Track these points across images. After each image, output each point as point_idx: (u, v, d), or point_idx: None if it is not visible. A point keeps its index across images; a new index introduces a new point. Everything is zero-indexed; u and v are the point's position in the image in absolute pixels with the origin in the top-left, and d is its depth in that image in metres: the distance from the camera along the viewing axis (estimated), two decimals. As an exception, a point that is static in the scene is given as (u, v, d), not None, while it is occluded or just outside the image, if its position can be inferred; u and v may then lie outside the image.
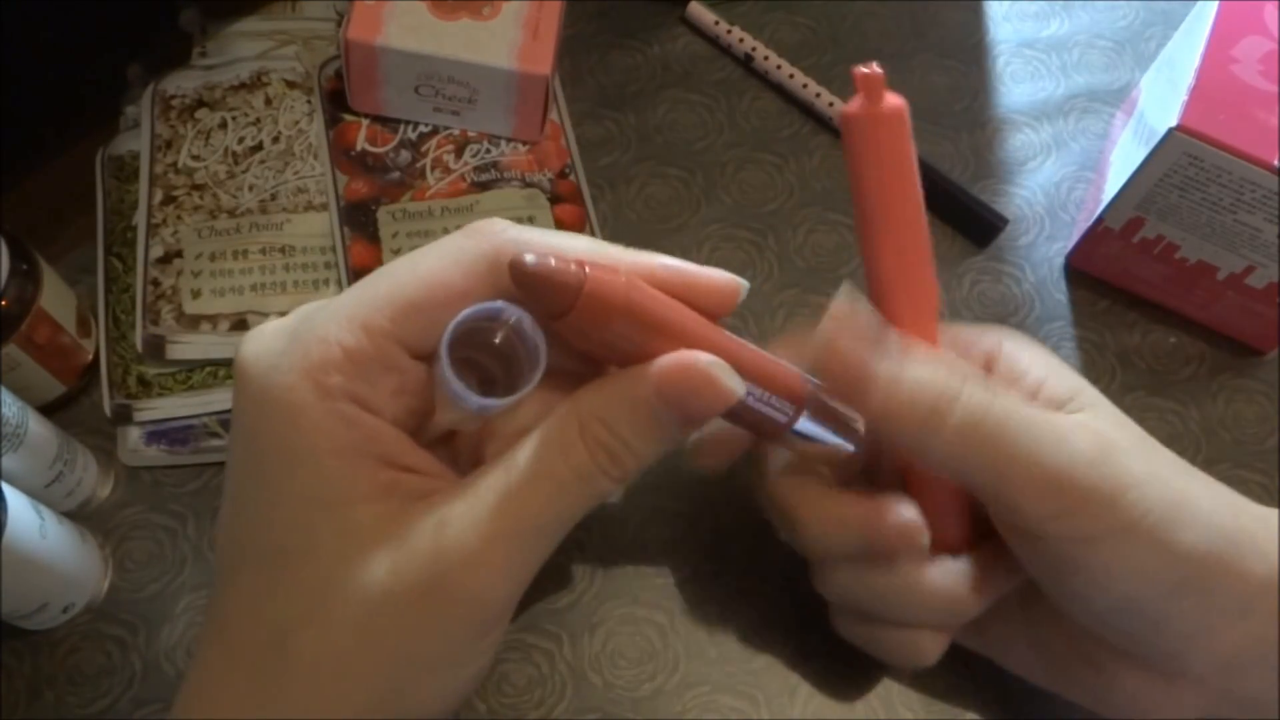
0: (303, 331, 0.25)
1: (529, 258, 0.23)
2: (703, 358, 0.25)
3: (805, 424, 0.28)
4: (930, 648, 0.32)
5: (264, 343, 0.26)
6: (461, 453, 0.28)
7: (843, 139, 0.29)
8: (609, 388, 0.25)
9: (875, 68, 0.27)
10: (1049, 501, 0.27)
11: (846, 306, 0.27)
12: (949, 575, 0.30)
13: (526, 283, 0.24)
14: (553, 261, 0.24)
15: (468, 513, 0.24)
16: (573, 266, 0.24)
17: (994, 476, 0.27)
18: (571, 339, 0.25)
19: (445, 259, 0.26)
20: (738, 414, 0.27)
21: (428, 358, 0.26)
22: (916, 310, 0.29)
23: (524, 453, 0.25)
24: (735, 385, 0.25)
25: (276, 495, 0.25)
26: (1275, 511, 0.29)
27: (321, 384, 0.24)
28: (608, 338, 0.25)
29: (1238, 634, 0.27)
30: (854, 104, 0.28)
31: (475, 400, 0.24)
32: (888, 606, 0.31)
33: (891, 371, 0.27)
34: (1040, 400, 0.29)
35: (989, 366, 0.31)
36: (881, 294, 0.29)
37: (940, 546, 0.30)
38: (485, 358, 0.26)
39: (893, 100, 0.28)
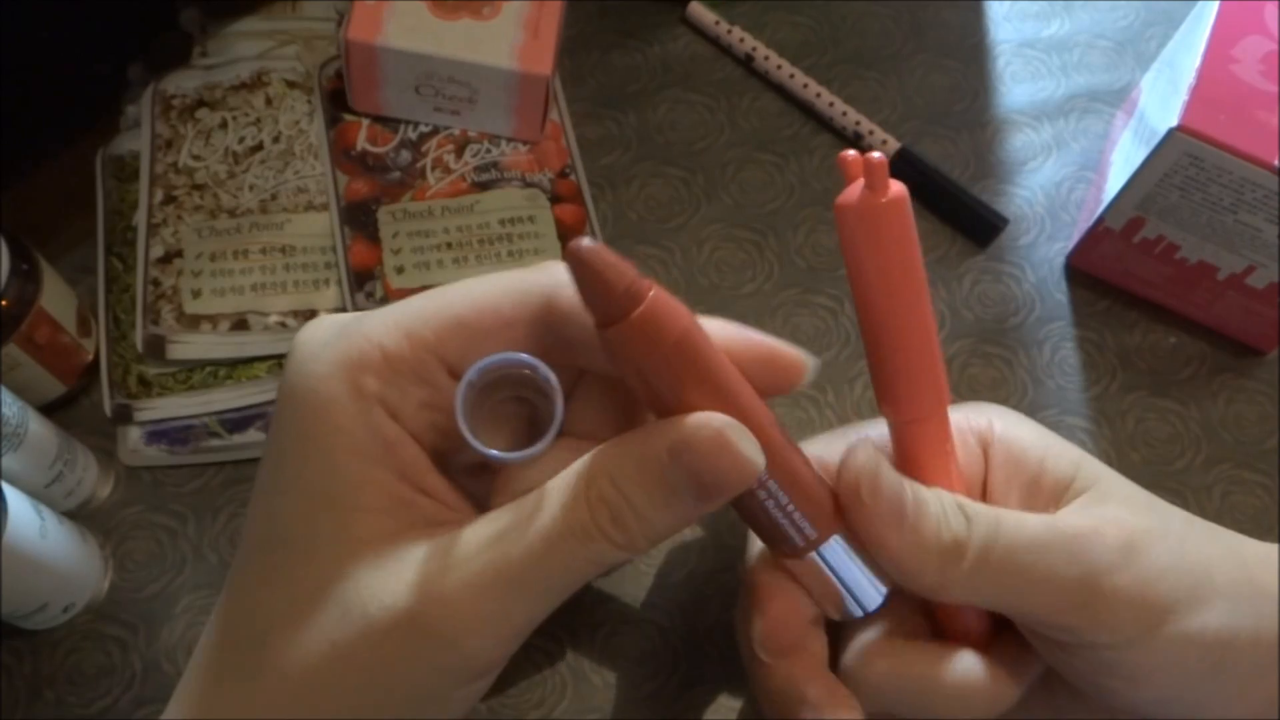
0: (350, 328, 0.25)
1: (586, 241, 0.22)
2: (719, 418, 0.23)
3: (833, 551, 0.26)
4: None
5: (317, 332, 0.25)
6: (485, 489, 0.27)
7: (840, 229, 0.26)
8: (621, 442, 0.24)
9: (875, 154, 0.25)
10: (1077, 616, 0.26)
11: (859, 463, 0.26)
12: (980, 673, 0.29)
13: (587, 272, 0.22)
14: (620, 261, 0.22)
15: (460, 554, 0.23)
16: (639, 276, 0.22)
17: (1020, 603, 0.27)
18: (611, 355, 0.23)
19: (500, 286, 0.25)
20: (756, 517, 0.26)
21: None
22: (926, 405, 0.27)
23: (527, 503, 0.24)
24: (755, 456, 0.23)
25: (288, 485, 0.24)
26: (1274, 549, 0.29)
27: (355, 382, 0.24)
28: (650, 367, 0.23)
29: (1259, 693, 0.27)
30: (851, 193, 0.25)
31: (478, 447, 0.23)
32: (926, 711, 0.30)
33: (904, 529, 0.26)
34: (1045, 483, 0.29)
35: (985, 451, 0.30)
36: (888, 390, 0.27)
37: (968, 639, 0.30)
38: (540, 400, 0.25)
39: (896, 188, 0.25)
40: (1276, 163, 0.36)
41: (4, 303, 0.36)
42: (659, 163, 0.47)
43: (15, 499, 0.32)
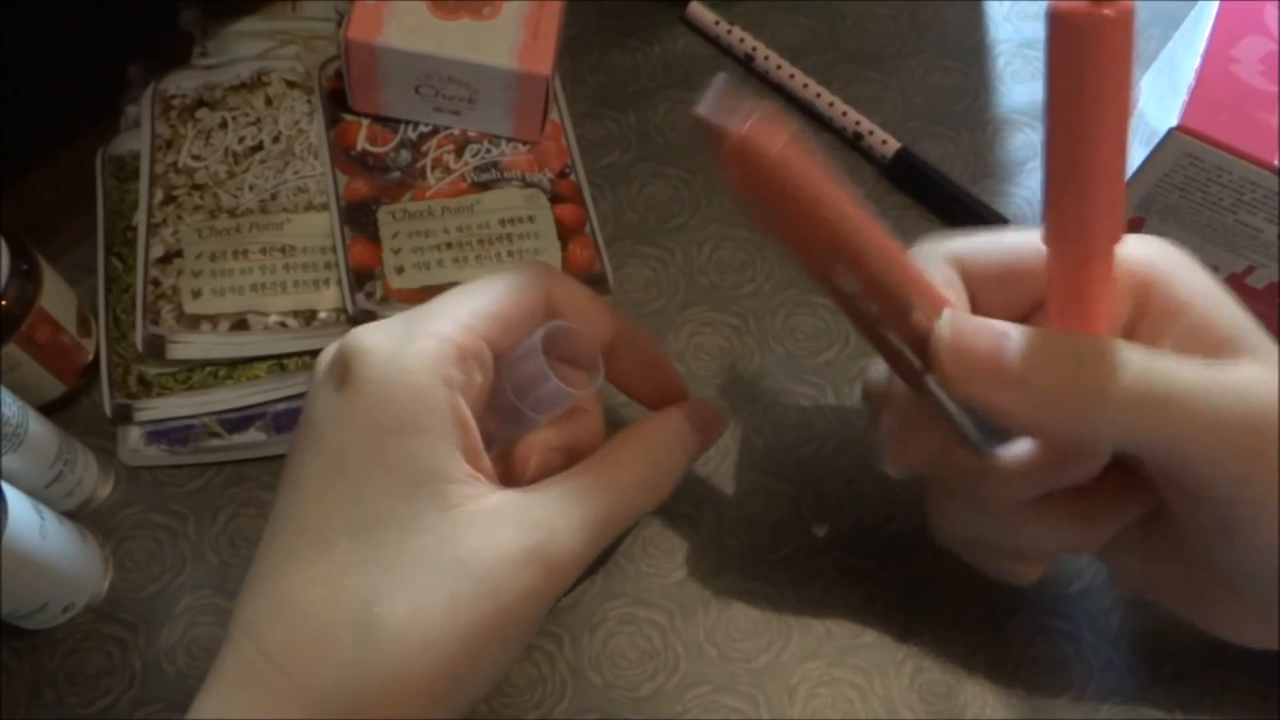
0: (419, 328, 0.28)
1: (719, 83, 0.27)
2: (711, 406, 0.34)
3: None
4: (1036, 571, 0.32)
5: (381, 334, 0.29)
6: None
7: (1051, 42, 0.24)
8: (662, 423, 0.32)
9: None
10: (1242, 464, 0.26)
11: (958, 320, 0.26)
12: (1076, 513, 0.29)
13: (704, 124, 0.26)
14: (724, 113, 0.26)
15: (557, 506, 0.28)
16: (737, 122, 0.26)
17: (1171, 444, 0.26)
18: (735, 182, 0.26)
19: (517, 282, 0.30)
20: (882, 349, 0.28)
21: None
22: (1103, 242, 0.26)
23: (600, 465, 0.30)
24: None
25: (382, 468, 0.27)
26: None
27: (444, 373, 0.28)
28: (768, 188, 0.26)
29: None
30: (1073, 3, 0.23)
31: (557, 386, 0.29)
32: (1010, 542, 0.31)
33: (1039, 354, 0.26)
34: (1204, 339, 0.27)
35: (1142, 296, 0.29)
36: (1067, 224, 0.26)
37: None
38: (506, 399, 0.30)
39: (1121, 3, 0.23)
40: (1276, 163, 0.36)
41: (4, 303, 0.36)
42: (659, 163, 0.47)
43: (15, 499, 0.32)
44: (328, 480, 0.28)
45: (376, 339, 0.28)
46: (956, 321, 0.27)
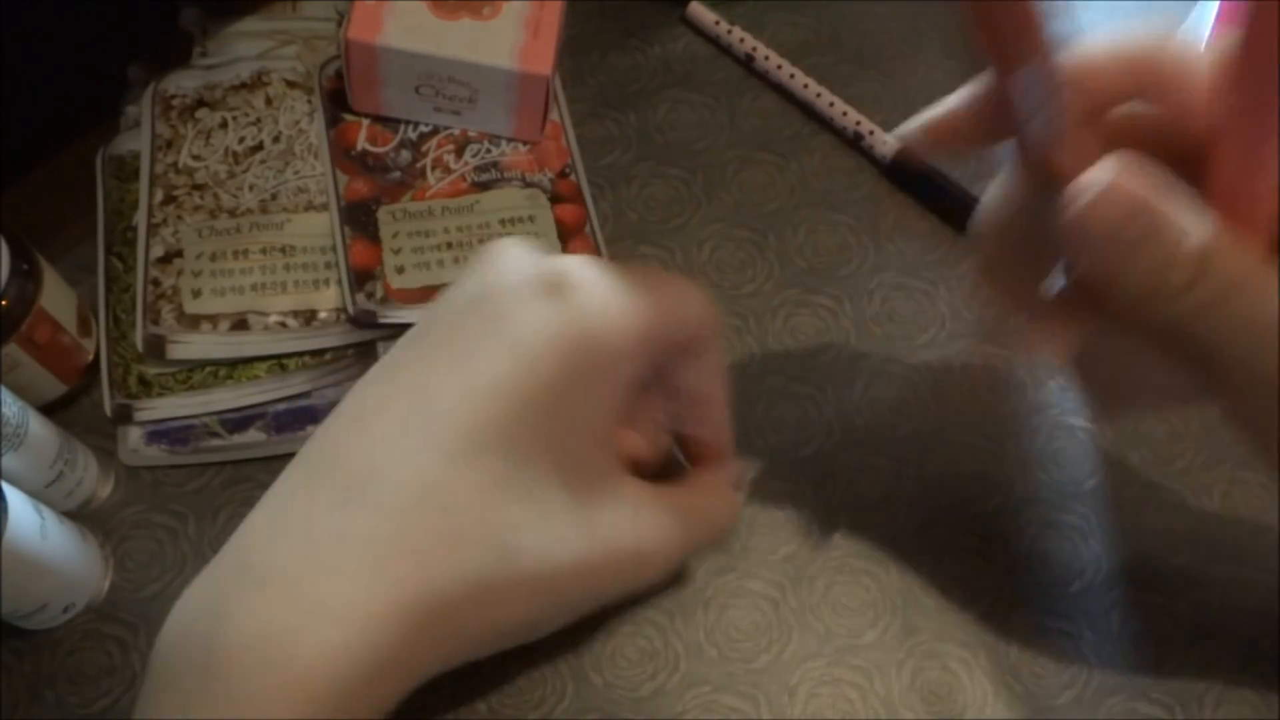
0: (627, 290, 0.29)
1: None
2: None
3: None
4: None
5: (601, 279, 0.29)
6: None
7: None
8: (733, 473, 0.36)
9: None
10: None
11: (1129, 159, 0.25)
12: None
13: None
14: None
15: (671, 521, 0.32)
16: None
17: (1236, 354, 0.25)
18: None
19: (685, 300, 0.31)
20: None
21: None
22: None
23: (700, 493, 0.34)
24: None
25: (574, 405, 0.28)
26: None
27: (635, 348, 0.29)
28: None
29: None
30: None
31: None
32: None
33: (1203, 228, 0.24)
34: None
35: None
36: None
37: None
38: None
39: None
40: (1276, 163, 0.36)
41: (4, 303, 0.36)
42: (659, 163, 0.47)
43: (15, 499, 0.32)
44: (532, 389, 0.28)
45: (598, 281, 0.29)
46: (1108, 188, 0.25)
